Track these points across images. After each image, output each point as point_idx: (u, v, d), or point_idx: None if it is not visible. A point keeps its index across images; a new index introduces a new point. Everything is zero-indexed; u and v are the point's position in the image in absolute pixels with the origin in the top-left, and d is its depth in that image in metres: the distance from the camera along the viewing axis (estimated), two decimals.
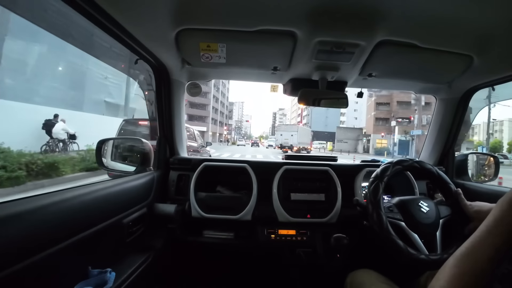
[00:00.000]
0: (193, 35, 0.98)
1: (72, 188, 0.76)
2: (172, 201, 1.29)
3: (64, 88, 11.22)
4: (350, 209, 1.21)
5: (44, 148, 7.24)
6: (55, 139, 7.62)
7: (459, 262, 0.47)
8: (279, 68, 1.22)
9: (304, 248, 1.26)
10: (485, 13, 0.79)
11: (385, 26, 0.88)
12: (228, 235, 1.30)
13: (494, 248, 0.44)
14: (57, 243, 0.65)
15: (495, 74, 1.17)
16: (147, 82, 1.39)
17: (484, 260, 0.45)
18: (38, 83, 9.98)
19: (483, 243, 0.46)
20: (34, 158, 5.07)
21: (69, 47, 9.03)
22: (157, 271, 1.17)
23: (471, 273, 0.45)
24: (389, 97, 33.14)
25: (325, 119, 48.87)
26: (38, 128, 7.52)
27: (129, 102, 11.46)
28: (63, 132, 7.84)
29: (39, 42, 9.69)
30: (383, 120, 34.25)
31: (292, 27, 0.91)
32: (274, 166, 1.35)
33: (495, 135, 42.54)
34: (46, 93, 9.98)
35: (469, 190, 1.28)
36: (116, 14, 0.78)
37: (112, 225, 0.89)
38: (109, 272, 0.82)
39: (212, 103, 46.32)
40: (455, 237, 0.90)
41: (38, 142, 7.15)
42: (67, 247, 0.67)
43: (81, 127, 8.45)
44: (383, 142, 32.10)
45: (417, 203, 0.95)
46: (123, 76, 11.39)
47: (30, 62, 9.96)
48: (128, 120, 5.49)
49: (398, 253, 0.83)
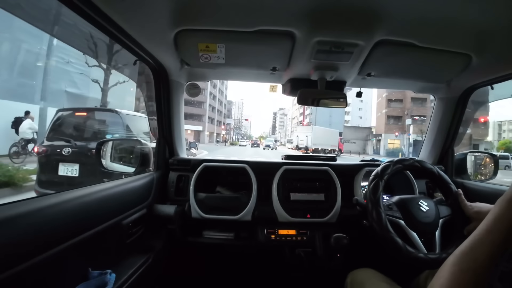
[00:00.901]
0: (192, 35, 0.98)
1: (71, 190, 0.76)
2: (172, 202, 1.29)
3: (7, 74, 9.21)
4: (350, 208, 1.21)
5: (14, 149, 6.57)
6: (22, 139, 6.67)
7: (459, 260, 0.48)
8: (278, 68, 1.22)
9: (304, 248, 1.26)
10: (483, 12, 0.79)
11: (383, 25, 0.88)
12: (228, 236, 1.30)
13: (493, 246, 0.45)
14: (57, 245, 0.65)
15: (493, 73, 1.17)
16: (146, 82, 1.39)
17: (484, 258, 0.45)
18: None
19: (483, 241, 0.46)
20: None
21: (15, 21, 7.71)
22: (157, 272, 1.17)
23: (471, 271, 0.45)
24: (402, 93, 29.76)
25: (329, 118, 45.96)
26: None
27: (105, 93, 9.27)
28: (30, 131, 6.73)
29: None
30: (395, 118, 31.67)
31: (291, 27, 0.91)
32: (274, 166, 1.35)
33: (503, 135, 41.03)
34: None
35: (469, 189, 1.29)
36: (114, 15, 0.78)
37: (112, 226, 0.89)
38: (109, 274, 0.82)
39: (209, 100, 43.16)
40: (454, 237, 0.90)
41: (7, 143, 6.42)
42: (67, 249, 0.67)
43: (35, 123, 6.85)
44: (395, 142, 30.04)
45: (417, 202, 0.95)
46: (93, 61, 8.82)
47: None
48: (62, 111, 4.07)
49: (396, 251, 0.83)
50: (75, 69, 10.90)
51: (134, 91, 11.37)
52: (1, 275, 0.51)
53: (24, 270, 0.55)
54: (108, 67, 8.63)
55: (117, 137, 3.50)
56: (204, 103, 40.81)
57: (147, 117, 1.48)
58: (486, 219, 0.48)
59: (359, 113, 52.17)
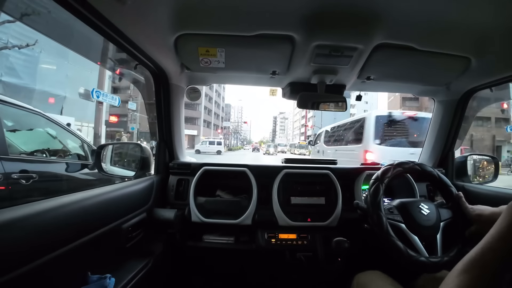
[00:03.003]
0: (192, 40, 0.99)
1: (71, 194, 0.76)
2: (172, 206, 1.28)
3: None
4: (350, 212, 1.21)
5: None
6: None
7: (468, 267, 0.47)
8: (278, 72, 1.22)
9: (305, 252, 1.25)
10: (483, 15, 0.80)
11: (382, 29, 0.88)
12: (228, 240, 1.29)
13: (505, 253, 0.44)
14: (56, 249, 0.64)
15: (493, 76, 1.18)
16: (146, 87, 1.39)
17: (496, 265, 0.44)
18: None
19: (495, 248, 0.46)
20: None
21: None
22: (157, 277, 1.16)
23: (481, 278, 0.45)
24: None
25: (333, 120, 45.96)
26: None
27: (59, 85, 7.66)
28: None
29: None
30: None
31: (290, 31, 0.92)
32: (274, 170, 1.35)
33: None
34: None
35: (469, 192, 1.28)
36: (115, 19, 0.79)
37: (112, 231, 0.88)
38: (108, 278, 0.81)
39: (205, 102, 39.97)
40: (455, 240, 0.89)
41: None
42: (66, 253, 0.67)
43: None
44: None
45: (417, 205, 0.95)
46: (50, 44, 7.34)
47: None
48: None
49: (398, 255, 0.83)
50: (18, 52, 8.28)
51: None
52: (1, 278, 0.50)
53: (24, 274, 0.55)
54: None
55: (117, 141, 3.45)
56: (199, 105, 37.86)
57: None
58: (498, 225, 0.48)
59: (364, 115, 51.15)
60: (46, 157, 2.58)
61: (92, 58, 1.37)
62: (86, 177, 2.77)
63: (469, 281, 0.45)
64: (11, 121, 2.38)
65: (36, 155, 2.52)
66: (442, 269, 0.83)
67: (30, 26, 1.12)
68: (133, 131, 15.26)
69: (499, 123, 21.48)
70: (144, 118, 13.23)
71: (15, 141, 2.36)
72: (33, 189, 2.09)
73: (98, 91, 8.57)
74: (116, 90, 18.99)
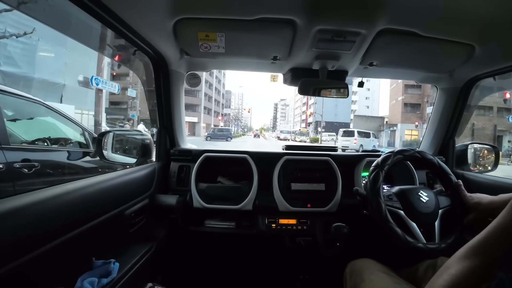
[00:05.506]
0: (192, 24, 0.97)
1: (74, 181, 0.77)
2: (174, 192, 1.30)
3: None
4: (350, 198, 1.22)
5: None
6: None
7: (470, 254, 0.48)
8: (279, 58, 1.20)
9: (305, 237, 1.28)
10: (488, 2, 0.77)
11: (386, 14, 0.86)
12: (229, 225, 1.32)
13: (508, 243, 0.45)
14: (61, 236, 0.65)
15: (496, 64, 1.16)
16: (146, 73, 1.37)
17: (499, 253, 0.45)
18: None
19: (498, 236, 0.46)
20: None
21: None
22: (160, 261, 1.19)
23: (483, 264, 0.46)
24: None
25: (335, 108, 42.61)
26: None
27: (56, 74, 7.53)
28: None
29: None
30: (413, 106, 27.74)
31: (292, 15, 0.89)
32: (275, 156, 1.36)
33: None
34: None
35: (469, 180, 1.29)
36: (112, 4, 0.77)
37: (115, 217, 0.90)
38: (112, 263, 0.84)
39: (205, 89, 38.90)
40: (453, 228, 0.91)
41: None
42: (71, 239, 0.68)
43: None
44: (413, 133, 26.20)
45: (416, 192, 0.96)
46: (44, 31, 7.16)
47: None
48: None
49: (396, 241, 0.84)
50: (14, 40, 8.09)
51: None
52: (7, 265, 0.52)
53: (29, 261, 0.56)
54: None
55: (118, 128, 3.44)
56: (200, 92, 37.15)
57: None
58: (503, 215, 0.48)
59: (365, 102, 49.36)
60: (47, 145, 2.58)
61: (91, 45, 1.34)
62: (88, 164, 2.78)
63: (470, 267, 0.46)
64: (11, 111, 2.35)
65: (37, 144, 2.53)
66: (439, 256, 0.85)
67: (27, 14, 1.09)
68: (134, 118, 15.27)
69: (501, 112, 21.24)
70: (144, 105, 13.13)
71: (16, 130, 2.35)
72: (35, 178, 2.10)
73: (97, 78, 8.58)
74: (115, 77, 18.92)
